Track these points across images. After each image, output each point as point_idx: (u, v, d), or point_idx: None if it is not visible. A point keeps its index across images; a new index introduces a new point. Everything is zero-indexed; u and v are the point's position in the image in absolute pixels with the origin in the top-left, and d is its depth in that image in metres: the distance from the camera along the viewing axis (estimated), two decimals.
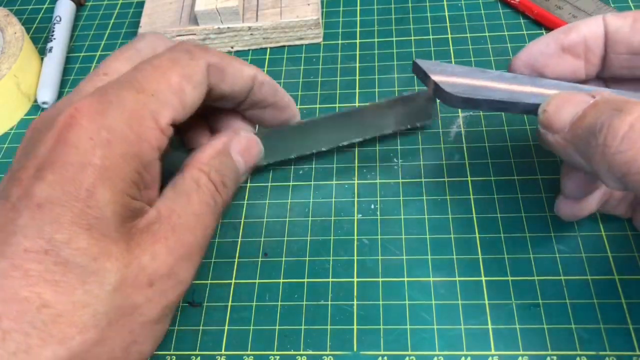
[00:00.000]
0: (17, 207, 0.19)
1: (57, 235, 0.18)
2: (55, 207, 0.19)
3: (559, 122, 0.21)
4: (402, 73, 0.35)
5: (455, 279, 0.26)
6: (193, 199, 0.23)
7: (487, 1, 0.39)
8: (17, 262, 0.18)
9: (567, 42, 0.24)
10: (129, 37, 0.41)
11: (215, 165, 0.24)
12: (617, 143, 0.19)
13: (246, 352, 0.25)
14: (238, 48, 0.38)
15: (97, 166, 0.19)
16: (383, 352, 0.24)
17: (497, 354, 0.24)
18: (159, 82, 0.22)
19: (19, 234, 0.18)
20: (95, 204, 0.19)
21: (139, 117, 0.21)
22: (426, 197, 0.29)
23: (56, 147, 0.19)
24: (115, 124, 0.20)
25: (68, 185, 0.19)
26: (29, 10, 0.44)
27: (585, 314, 0.24)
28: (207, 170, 0.24)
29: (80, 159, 0.19)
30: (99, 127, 0.20)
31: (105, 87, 0.21)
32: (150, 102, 0.21)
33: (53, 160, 0.19)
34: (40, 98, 0.36)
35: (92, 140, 0.20)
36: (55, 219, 0.19)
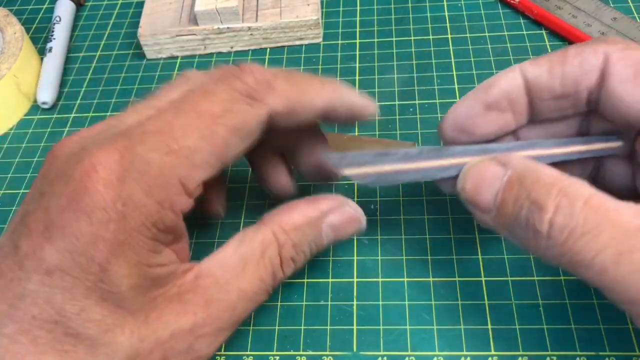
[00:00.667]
0: (26, 267, 0.18)
1: (68, 306, 0.17)
2: (66, 277, 0.17)
3: (482, 204, 0.20)
4: (402, 73, 0.35)
5: (455, 279, 0.26)
6: (248, 271, 0.20)
7: (487, 1, 0.39)
8: (25, 327, 0.17)
9: (489, 99, 0.22)
10: (129, 37, 0.41)
11: (296, 238, 0.22)
12: (543, 243, 0.18)
13: (246, 353, 0.25)
14: (238, 48, 0.38)
15: (109, 241, 0.18)
16: (383, 353, 0.24)
17: (497, 354, 0.24)
18: (201, 139, 0.19)
19: (27, 298, 0.17)
20: (108, 279, 0.18)
21: (163, 184, 0.18)
22: (426, 197, 0.29)
23: (68, 209, 0.18)
24: (134, 195, 0.18)
25: (79, 258, 0.17)
26: (29, 10, 0.44)
27: (585, 314, 0.24)
28: (282, 241, 0.21)
29: (93, 230, 0.18)
30: (115, 197, 0.18)
31: (131, 138, 0.19)
32: (180, 166, 0.19)
33: (64, 224, 0.18)
34: (40, 98, 0.36)
35: (107, 213, 0.18)
36: (66, 289, 0.17)
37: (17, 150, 0.35)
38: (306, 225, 0.22)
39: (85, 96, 0.37)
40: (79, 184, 0.18)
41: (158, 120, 0.19)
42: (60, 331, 0.17)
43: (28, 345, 0.17)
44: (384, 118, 0.33)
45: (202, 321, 0.20)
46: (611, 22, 0.35)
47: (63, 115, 0.36)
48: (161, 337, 0.19)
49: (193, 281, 0.20)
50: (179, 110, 0.19)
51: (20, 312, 0.17)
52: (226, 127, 0.19)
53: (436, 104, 0.33)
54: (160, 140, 0.19)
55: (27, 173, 0.33)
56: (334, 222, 0.23)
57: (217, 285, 0.20)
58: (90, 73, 0.39)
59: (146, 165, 0.18)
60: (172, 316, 0.19)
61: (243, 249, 0.21)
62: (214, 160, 0.19)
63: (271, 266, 0.21)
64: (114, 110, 0.36)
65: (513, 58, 0.35)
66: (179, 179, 0.19)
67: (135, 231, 0.18)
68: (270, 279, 0.21)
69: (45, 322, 0.17)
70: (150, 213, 0.18)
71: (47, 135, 0.35)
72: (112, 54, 0.40)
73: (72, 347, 0.18)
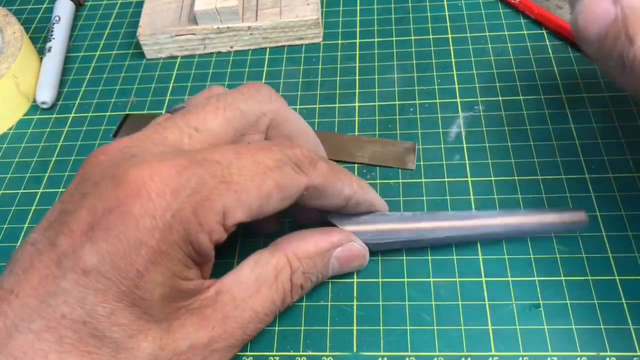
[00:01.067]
0: (63, 264, 0.18)
1: (99, 308, 0.18)
2: (101, 279, 0.18)
3: (588, 38, 0.22)
4: (402, 73, 0.35)
5: (456, 279, 0.26)
6: (262, 293, 0.22)
7: (487, 1, 0.39)
8: (52, 325, 0.17)
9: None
10: (129, 37, 0.41)
11: (307, 266, 0.23)
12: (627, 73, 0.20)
13: (246, 353, 0.25)
14: (237, 48, 0.38)
15: (152, 249, 0.18)
16: (383, 353, 0.24)
17: (497, 355, 0.24)
18: (251, 181, 0.20)
19: (59, 296, 0.18)
20: (144, 286, 0.18)
21: (209, 207, 0.19)
22: (426, 198, 0.29)
23: (116, 211, 0.18)
24: (183, 208, 0.19)
25: (119, 261, 0.18)
26: (28, 10, 0.44)
27: (585, 315, 0.24)
28: (295, 267, 0.23)
29: (139, 236, 0.18)
30: (167, 207, 0.18)
31: (192, 160, 0.19)
32: (228, 197, 0.19)
33: (109, 226, 0.18)
34: (40, 98, 0.36)
35: (155, 220, 0.18)
36: (100, 291, 0.18)
37: (16, 150, 0.35)
38: (317, 254, 0.24)
39: (84, 96, 0.37)
40: (132, 188, 0.18)
41: (218, 153, 0.20)
42: (87, 332, 0.18)
43: (53, 344, 0.17)
44: (384, 118, 0.33)
45: (217, 336, 0.20)
46: None
47: (62, 115, 0.36)
48: (180, 347, 0.20)
49: (214, 297, 0.21)
50: (239, 152, 0.21)
51: (51, 309, 0.18)
52: (273, 182, 0.20)
53: (436, 104, 0.33)
54: (218, 169, 0.20)
55: (27, 173, 0.33)
56: (340, 255, 0.24)
57: (234, 302, 0.21)
58: (89, 73, 0.39)
59: (200, 185, 0.19)
60: (192, 328, 0.20)
61: (258, 271, 0.22)
62: (256, 206, 0.20)
63: (282, 290, 0.22)
64: (113, 110, 0.36)
65: (513, 58, 0.35)
66: (224, 209, 0.20)
67: (176, 244, 0.19)
68: (280, 303, 0.23)
69: (74, 322, 0.18)
70: (191, 230, 0.19)
71: (47, 135, 0.35)
72: (111, 54, 0.40)
73: (95, 349, 0.18)
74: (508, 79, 0.34)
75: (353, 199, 0.24)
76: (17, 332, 0.17)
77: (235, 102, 0.23)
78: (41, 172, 0.33)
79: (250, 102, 0.23)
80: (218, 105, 0.23)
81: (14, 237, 0.30)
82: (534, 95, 0.33)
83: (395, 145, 0.31)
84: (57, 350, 0.17)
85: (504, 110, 0.32)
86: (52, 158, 0.34)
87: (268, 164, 0.21)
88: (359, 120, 0.33)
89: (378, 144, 0.32)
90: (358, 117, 0.33)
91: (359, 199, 0.24)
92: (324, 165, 0.23)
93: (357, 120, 0.33)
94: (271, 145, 0.22)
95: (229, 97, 0.23)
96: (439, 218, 0.26)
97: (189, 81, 0.37)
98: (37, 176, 0.33)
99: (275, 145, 0.22)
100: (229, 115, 0.23)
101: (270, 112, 0.24)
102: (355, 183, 0.24)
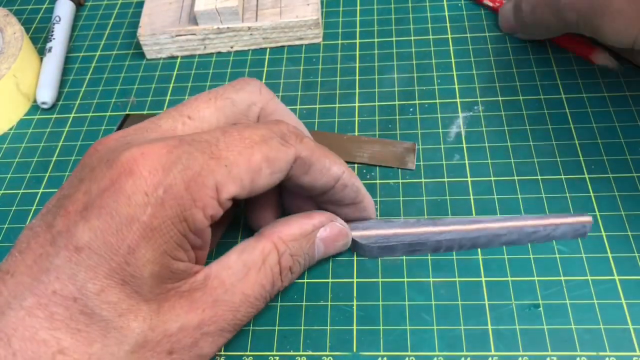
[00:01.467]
0: (57, 242, 0.18)
1: (90, 284, 0.18)
2: (93, 255, 0.18)
3: None
4: (402, 73, 0.35)
5: (455, 279, 0.26)
6: (251, 277, 0.22)
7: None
8: (43, 301, 0.18)
9: None
10: (129, 37, 0.41)
11: (294, 248, 0.23)
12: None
13: (245, 353, 0.25)
14: (238, 48, 0.38)
15: (144, 224, 0.18)
16: (383, 353, 0.24)
17: (497, 355, 0.24)
18: (240, 154, 0.21)
19: (52, 273, 0.18)
20: (134, 262, 0.18)
21: (202, 183, 0.20)
22: (426, 198, 0.29)
23: (109, 190, 0.19)
24: (175, 184, 0.19)
25: (111, 236, 0.18)
26: (29, 10, 0.44)
27: (585, 314, 0.24)
28: (282, 250, 0.23)
29: (130, 212, 0.18)
30: (158, 183, 0.19)
31: (181, 140, 0.20)
32: (219, 172, 0.20)
33: (102, 204, 0.18)
34: (40, 98, 0.36)
35: (147, 196, 0.19)
36: (90, 268, 0.18)
37: (16, 150, 0.35)
38: (302, 236, 0.24)
39: (85, 96, 0.37)
40: (125, 167, 0.19)
41: (206, 133, 0.21)
42: (77, 309, 0.18)
43: (43, 321, 0.18)
44: (384, 118, 0.33)
45: (208, 319, 0.21)
46: None
47: (63, 115, 0.36)
48: (170, 329, 0.20)
49: (203, 281, 0.21)
50: (225, 131, 0.21)
51: (42, 286, 0.18)
52: (262, 154, 0.21)
53: (436, 104, 0.33)
54: (206, 146, 0.20)
55: (27, 173, 0.33)
56: (324, 235, 0.25)
57: (224, 287, 0.21)
58: (90, 73, 0.39)
59: (190, 162, 0.20)
60: (182, 310, 0.20)
61: (245, 256, 0.22)
62: (247, 179, 0.21)
63: (271, 274, 0.23)
64: (113, 110, 0.36)
65: (513, 58, 0.35)
66: (216, 183, 0.20)
67: (169, 219, 0.19)
68: (270, 286, 0.23)
69: (65, 298, 0.18)
70: (185, 206, 0.19)
71: (47, 135, 0.35)
72: (111, 54, 0.40)
73: (85, 326, 0.18)
74: (508, 79, 0.34)
75: (341, 179, 0.24)
76: (9, 309, 0.18)
77: (226, 93, 0.24)
78: (41, 172, 0.33)
79: (240, 92, 0.24)
80: (210, 95, 0.24)
81: (14, 237, 0.30)
82: (534, 95, 0.33)
83: (395, 145, 0.31)
84: (46, 327, 0.18)
85: (504, 110, 0.32)
86: (52, 158, 0.34)
87: (254, 138, 0.21)
88: (359, 120, 0.33)
89: (378, 144, 0.32)
90: (358, 117, 0.33)
91: (346, 181, 0.24)
92: (311, 141, 0.23)
93: (357, 120, 0.33)
94: (257, 124, 0.23)
95: (220, 89, 0.24)
96: (443, 223, 0.27)
97: (189, 81, 0.37)
98: (37, 176, 0.33)
99: (261, 123, 0.23)
100: (220, 104, 0.23)
101: (260, 102, 0.25)
102: (343, 164, 0.24)
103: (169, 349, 0.20)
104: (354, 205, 0.26)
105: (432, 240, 0.26)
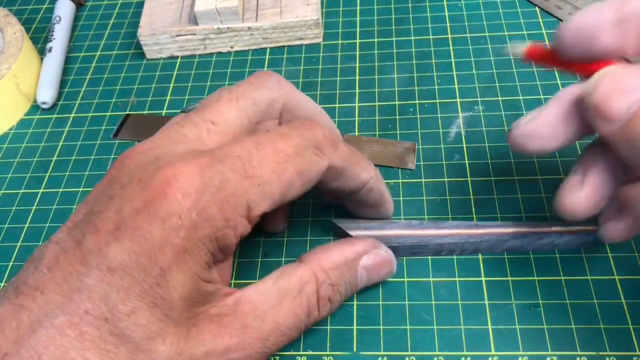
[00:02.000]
0: (88, 261, 0.18)
1: (121, 305, 0.18)
2: (125, 277, 0.18)
3: (610, 112, 0.19)
4: (402, 73, 0.35)
5: (455, 279, 0.26)
6: (284, 305, 0.21)
7: (487, 1, 0.39)
8: (75, 320, 0.18)
9: (625, 13, 0.20)
10: (129, 37, 0.41)
11: (334, 277, 0.23)
12: None
13: None
14: (238, 48, 0.38)
15: (176, 247, 0.18)
16: (383, 353, 0.24)
17: (497, 354, 0.24)
18: (273, 172, 0.20)
19: (84, 292, 0.18)
20: (165, 284, 0.18)
21: (234, 203, 0.19)
22: (426, 198, 0.29)
23: (143, 212, 0.19)
24: (208, 207, 0.19)
25: (143, 258, 0.18)
26: (29, 10, 0.44)
27: (585, 314, 0.24)
28: (321, 279, 0.22)
29: (164, 234, 0.18)
30: (192, 207, 0.19)
31: (213, 157, 0.20)
32: (252, 192, 0.20)
33: (135, 226, 0.18)
34: (40, 98, 0.36)
35: (180, 219, 0.19)
36: (123, 289, 0.18)
37: (17, 150, 0.35)
38: (344, 265, 0.23)
39: (85, 96, 0.37)
40: (158, 190, 0.19)
41: (238, 146, 0.21)
42: (107, 330, 0.18)
43: (74, 340, 0.17)
44: (384, 118, 0.33)
45: (235, 346, 0.20)
46: None
47: (63, 115, 0.36)
48: (196, 353, 0.19)
49: (233, 306, 0.21)
50: (259, 143, 0.21)
51: (74, 305, 0.18)
52: (295, 169, 0.21)
53: (436, 104, 0.33)
54: (239, 164, 0.20)
55: (27, 173, 0.33)
56: (367, 263, 0.24)
57: (254, 313, 0.21)
58: (90, 73, 0.39)
59: (223, 183, 0.19)
60: (209, 335, 0.20)
61: (281, 283, 0.22)
62: (278, 195, 0.21)
63: (307, 303, 0.22)
64: (113, 110, 0.36)
65: (513, 58, 0.35)
66: (248, 203, 0.20)
67: (200, 242, 0.19)
68: (305, 316, 0.22)
69: (96, 318, 0.18)
70: (217, 227, 0.19)
71: (47, 135, 0.35)
72: (112, 54, 0.40)
73: (114, 347, 0.18)
74: (508, 79, 0.34)
75: (368, 184, 0.24)
76: (40, 327, 0.18)
77: (247, 92, 0.23)
78: (42, 172, 0.33)
79: (260, 90, 0.24)
80: (230, 97, 0.23)
81: (14, 237, 0.30)
82: (534, 95, 0.33)
83: (395, 145, 0.31)
84: (77, 346, 0.17)
85: (504, 110, 0.32)
86: (52, 158, 0.34)
87: (288, 151, 0.21)
88: (359, 120, 0.33)
89: (378, 144, 0.32)
90: (358, 117, 0.33)
91: (372, 186, 0.24)
92: (345, 147, 0.23)
93: (357, 120, 0.33)
94: (290, 130, 0.22)
95: (240, 88, 0.24)
96: (446, 227, 0.27)
97: (189, 81, 0.37)
98: (37, 176, 0.33)
99: (294, 129, 0.22)
100: (242, 105, 0.23)
101: (281, 97, 0.24)
102: (372, 169, 0.24)
103: None
104: (376, 207, 0.26)
105: (433, 243, 0.26)
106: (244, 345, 0.20)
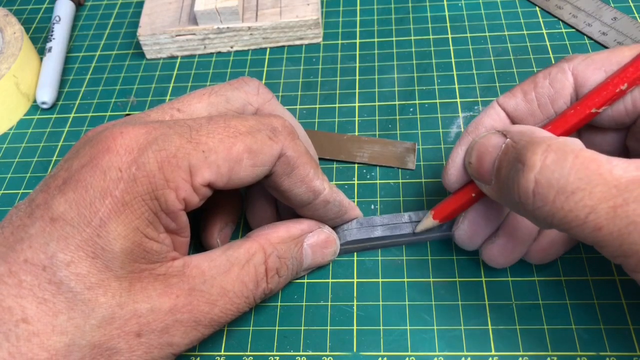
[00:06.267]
0: (35, 214, 0.19)
1: (60, 254, 0.18)
2: (66, 226, 0.18)
3: (484, 174, 0.21)
4: (402, 73, 0.35)
5: (455, 279, 0.26)
6: (232, 272, 0.22)
7: (487, 1, 0.39)
8: (14, 269, 0.18)
9: None
10: (129, 37, 0.41)
11: (281, 250, 0.23)
12: (531, 202, 0.18)
13: (246, 353, 0.25)
14: (237, 48, 0.38)
15: (116, 198, 0.19)
16: (383, 353, 0.24)
17: (497, 355, 0.24)
18: (220, 142, 0.20)
19: (25, 242, 0.18)
20: (105, 235, 0.19)
21: (175, 164, 0.20)
22: (426, 198, 0.29)
23: (87, 165, 0.19)
24: (148, 162, 0.19)
25: (84, 209, 0.19)
26: (29, 10, 0.44)
27: (585, 315, 0.24)
28: (268, 251, 0.23)
29: (104, 186, 0.19)
30: (132, 162, 0.19)
31: (162, 123, 0.21)
32: (194, 156, 0.20)
33: (79, 178, 0.19)
34: (40, 98, 0.36)
35: (120, 172, 0.19)
36: (62, 238, 0.18)
37: (16, 150, 0.35)
38: (290, 239, 0.24)
39: (84, 96, 0.37)
40: (103, 145, 0.20)
41: (192, 119, 0.21)
42: (45, 278, 0.18)
43: (11, 288, 0.18)
44: (384, 118, 0.33)
45: (182, 306, 0.20)
46: (611, 21, 0.35)
47: (62, 115, 0.36)
48: (140, 309, 0.20)
49: (181, 268, 0.21)
50: (211, 118, 0.21)
51: (15, 254, 0.18)
52: (244, 145, 0.21)
53: (436, 104, 0.33)
54: (186, 130, 0.20)
55: (27, 173, 0.33)
56: (312, 242, 0.25)
57: (203, 277, 0.21)
58: (89, 73, 0.39)
59: (166, 143, 0.20)
60: (154, 293, 0.20)
61: (230, 252, 0.22)
62: (225, 167, 0.21)
63: (255, 273, 0.22)
64: (113, 110, 0.36)
65: (514, 58, 0.35)
66: (190, 166, 0.20)
67: (140, 197, 0.19)
68: (253, 286, 0.22)
69: (35, 266, 0.18)
70: (157, 185, 0.19)
71: (47, 135, 0.35)
72: (111, 54, 0.40)
73: (51, 296, 0.18)
74: (508, 79, 0.34)
75: (322, 196, 0.24)
76: None
77: (222, 90, 0.24)
78: (41, 172, 0.33)
79: (236, 91, 0.24)
80: (204, 92, 0.24)
81: None
82: None
83: (395, 145, 0.31)
84: (14, 294, 0.18)
85: None
86: (52, 158, 0.34)
87: (240, 128, 0.21)
88: (359, 120, 0.33)
89: (378, 144, 0.32)
90: (358, 117, 0.33)
91: (328, 198, 0.24)
92: (302, 144, 0.23)
93: (357, 120, 0.33)
94: (249, 115, 0.22)
95: (217, 86, 0.24)
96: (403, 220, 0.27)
97: (189, 81, 0.37)
98: (37, 176, 0.33)
99: (254, 115, 0.23)
100: (213, 100, 0.24)
101: (256, 102, 0.25)
102: (326, 182, 0.24)
103: (137, 331, 0.20)
104: (339, 217, 0.26)
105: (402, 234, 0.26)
106: (191, 307, 0.20)
